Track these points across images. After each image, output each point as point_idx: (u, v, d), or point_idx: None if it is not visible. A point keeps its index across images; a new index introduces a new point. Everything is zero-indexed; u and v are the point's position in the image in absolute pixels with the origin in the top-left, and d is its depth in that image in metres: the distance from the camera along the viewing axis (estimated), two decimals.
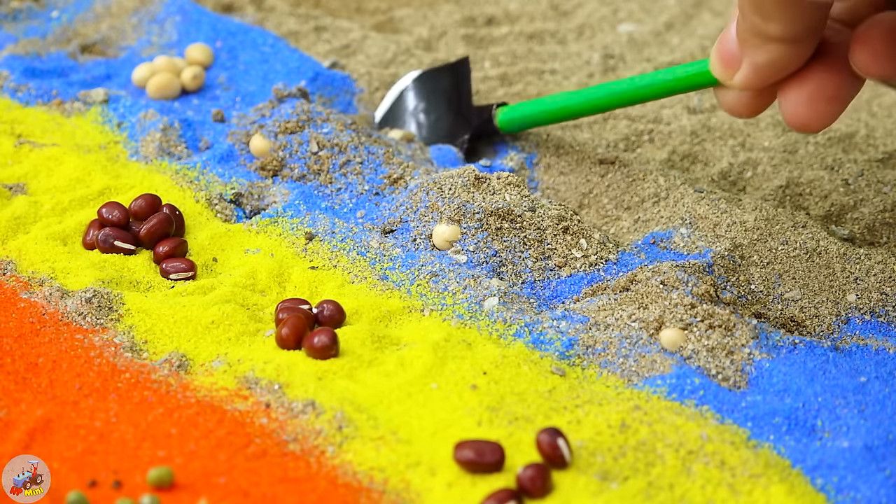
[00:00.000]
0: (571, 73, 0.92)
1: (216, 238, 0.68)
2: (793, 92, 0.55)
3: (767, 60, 0.54)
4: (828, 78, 0.55)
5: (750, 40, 0.54)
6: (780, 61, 0.54)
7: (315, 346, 0.59)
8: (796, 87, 0.55)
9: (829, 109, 0.55)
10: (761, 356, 0.59)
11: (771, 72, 0.55)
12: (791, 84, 0.55)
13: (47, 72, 0.86)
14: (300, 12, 0.99)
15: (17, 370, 0.58)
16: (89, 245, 0.66)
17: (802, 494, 0.52)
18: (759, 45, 0.54)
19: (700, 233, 0.69)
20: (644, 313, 0.61)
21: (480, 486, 0.51)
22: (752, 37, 0.54)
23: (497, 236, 0.67)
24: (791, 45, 0.53)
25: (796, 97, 0.55)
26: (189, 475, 0.52)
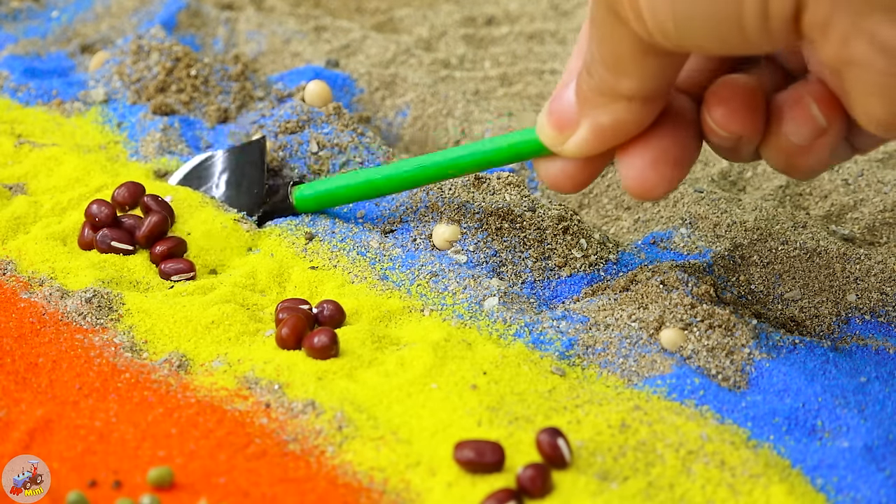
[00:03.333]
0: None
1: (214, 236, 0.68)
2: (636, 155, 0.53)
3: (613, 121, 0.52)
4: (672, 140, 0.53)
5: (594, 99, 0.52)
6: (627, 122, 0.52)
7: (315, 346, 0.59)
8: (639, 150, 0.53)
9: (674, 173, 0.53)
10: (761, 356, 0.59)
11: (614, 134, 0.52)
12: (633, 148, 0.53)
13: (47, 72, 0.86)
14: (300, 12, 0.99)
15: (17, 370, 0.58)
16: (86, 245, 0.66)
17: (802, 494, 0.52)
18: (606, 104, 0.51)
19: (700, 233, 0.69)
20: (644, 313, 0.61)
21: (480, 486, 0.51)
22: (597, 95, 0.51)
23: (497, 236, 0.67)
24: (641, 105, 0.51)
25: (640, 161, 0.53)
26: (189, 475, 0.52)
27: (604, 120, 0.52)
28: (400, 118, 0.84)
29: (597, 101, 0.52)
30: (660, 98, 0.52)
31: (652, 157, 0.53)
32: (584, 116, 0.53)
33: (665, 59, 0.49)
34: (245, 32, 0.93)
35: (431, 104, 0.83)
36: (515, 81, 0.91)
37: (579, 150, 0.54)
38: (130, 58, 0.82)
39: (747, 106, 0.52)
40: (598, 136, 0.53)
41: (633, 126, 0.52)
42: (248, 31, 0.93)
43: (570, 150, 0.54)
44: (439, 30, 0.98)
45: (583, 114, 0.53)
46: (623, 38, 0.49)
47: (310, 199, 0.68)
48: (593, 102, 0.52)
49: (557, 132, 0.54)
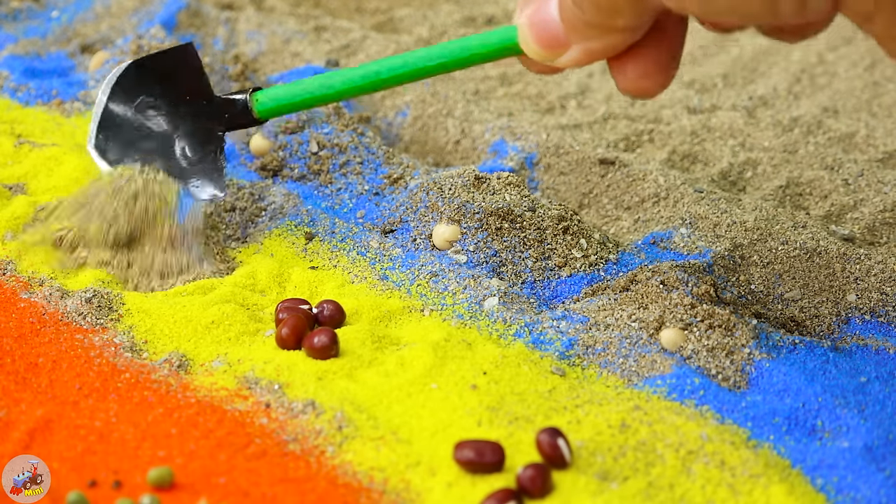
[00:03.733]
0: (571, 73, 0.92)
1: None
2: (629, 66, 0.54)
3: (604, 46, 0.53)
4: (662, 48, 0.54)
5: (585, 31, 0.52)
6: (619, 46, 0.53)
7: (315, 346, 0.59)
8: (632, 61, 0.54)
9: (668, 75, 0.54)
10: (761, 356, 0.59)
11: (605, 54, 0.54)
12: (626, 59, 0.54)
13: (47, 72, 0.86)
14: (300, 12, 0.99)
15: (17, 370, 0.58)
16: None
17: (802, 494, 0.52)
18: (598, 35, 0.52)
19: (700, 233, 0.69)
20: (644, 313, 0.61)
21: (480, 486, 0.51)
22: (589, 28, 0.52)
23: (497, 236, 0.67)
24: (633, 32, 0.52)
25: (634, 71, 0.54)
26: (189, 475, 0.52)
27: (595, 46, 0.53)
28: (400, 118, 0.84)
29: (588, 32, 0.52)
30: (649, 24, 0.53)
31: (643, 66, 0.54)
32: (575, 41, 0.53)
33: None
34: (245, 32, 0.93)
35: (431, 104, 0.83)
36: (515, 81, 0.91)
37: (569, 66, 0.55)
38: (130, 58, 0.82)
39: None
40: (590, 56, 0.54)
41: (623, 47, 0.53)
42: (248, 31, 0.93)
43: (563, 64, 0.55)
44: (439, 30, 0.98)
45: (573, 39, 0.53)
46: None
47: (274, 106, 0.64)
48: (584, 34, 0.53)
49: (545, 50, 0.54)
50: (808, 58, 0.93)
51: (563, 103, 0.88)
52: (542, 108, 0.87)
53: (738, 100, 0.88)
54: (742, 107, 0.86)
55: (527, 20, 0.55)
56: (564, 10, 0.53)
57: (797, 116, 0.84)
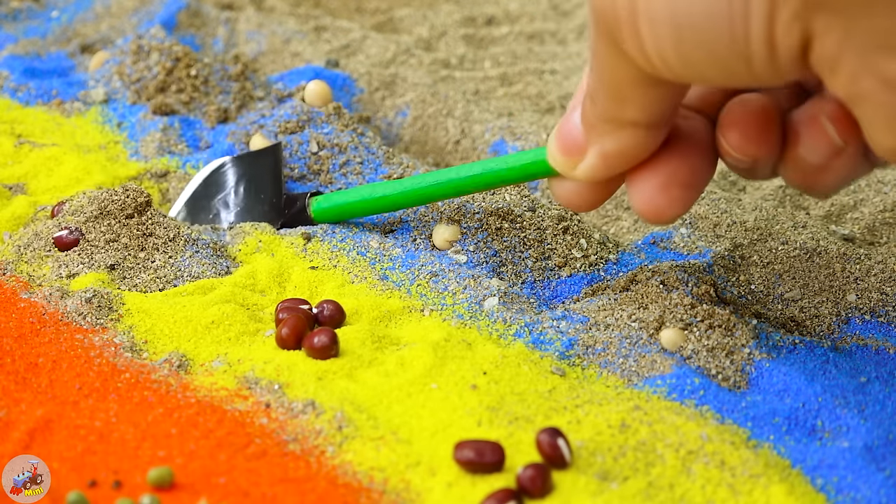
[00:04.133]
0: (571, 73, 0.92)
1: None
2: (645, 179, 0.53)
3: (619, 148, 0.52)
4: (682, 163, 0.53)
5: (600, 127, 0.52)
6: (634, 148, 0.52)
7: (315, 346, 0.59)
8: (648, 174, 0.53)
9: (684, 196, 0.53)
10: (761, 356, 0.59)
11: (621, 160, 0.52)
12: (642, 172, 0.53)
13: (47, 72, 0.86)
14: (300, 12, 0.99)
15: (17, 370, 0.58)
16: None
17: (802, 494, 0.52)
18: (611, 132, 0.51)
19: (700, 233, 0.69)
20: (644, 313, 0.61)
21: (480, 486, 0.51)
22: (602, 123, 0.51)
23: (497, 236, 0.67)
24: (646, 131, 0.51)
25: (650, 185, 0.53)
26: (189, 475, 0.52)
27: (610, 147, 0.52)
28: (400, 118, 0.84)
29: (602, 128, 0.52)
30: (665, 123, 0.51)
31: (660, 181, 0.53)
32: (591, 143, 0.53)
33: (668, 87, 0.49)
34: (245, 32, 0.93)
35: (431, 104, 0.83)
36: (515, 81, 0.91)
37: (588, 176, 0.54)
38: (130, 58, 0.82)
39: (762, 127, 0.52)
40: (606, 163, 0.53)
41: (639, 151, 0.52)
42: (248, 31, 0.93)
43: (580, 175, 0.54)
44: (439, 30, 0.98)
45: (590, 141, 0.53)
46: (624, 68, 0.48)
47: (328, 210, 0.68)
48: (599, 130, 0.52)
49: (566, 157, 0.54)
50: None
51: (563, 103, 0.88)
52: (542, 108, 0.87)
53: None
54: None
55: (555, 130, 0.55)
56: (583, 109, 0.52)
57: None
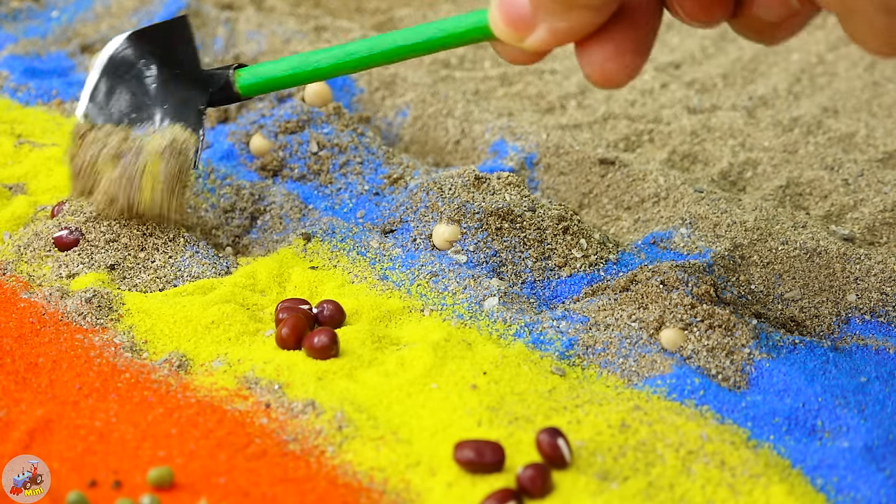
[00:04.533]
0: (571, 73, 0.92)
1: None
2: (595, 48, 0.53)
3: (569, 26, 0.52)
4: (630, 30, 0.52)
5: (550, 6, 0.52)
6: (584, 26, 0.52)
7: (315, 346, 0.59)
8: (599, 43, 0.53)
9: (636, 61, 0.53)
10: (761, 356, 0.59)
11: (570, 35, 0.52)
12: (592, 41, 0.53)
13: (47, 72, 0.86)
14: (300, 12, 0.99)
15: (17, 370, 0.58)
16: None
17: (802, 494, 0.52)
18: (563, 12, 0.51)
19: (700, 233, 0.69)
20: (644, 313, 0.61)
21: (480, 486, 0.51)
22: (554, 3, 0.51)
23: (497, 236, 0.67)
24: (598, 11, 0.51)
25: (600, 53, 0.53)
26: (189, 475, 0.52)
27: (560, 24, 0.52)
28: (400, 118, 0.84)
29: (553, 8, 0.51)
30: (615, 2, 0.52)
31: (611, 49, 0.52)
32: (541, 21, 0.52)
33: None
34: (245, 32, 0.93)
35: (431, 104, 0.83)
36: (515, 81, 0.91)
37: (537, 48, 0.54)
38: None
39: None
40: (556, 37, 0.53)
41: (589, 28, 0.52)
42: (248, 31, 0.93)
43: (527, 46, 0.54)
44: None
45: (539, 18, 0.52)
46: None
47: (256, 84, 0.64)
48: (550, 10, 0.52)
49: (513, 31, 0.53)
50: (808, 58, 0.93)
51: (563, 103, 0.88)
52: (542, 108, 0.87)
53: (738, 100, 0.88)
54: (742, 107, 0.86)
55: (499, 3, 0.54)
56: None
57: (797, 116, 0.84)
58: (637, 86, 0.89)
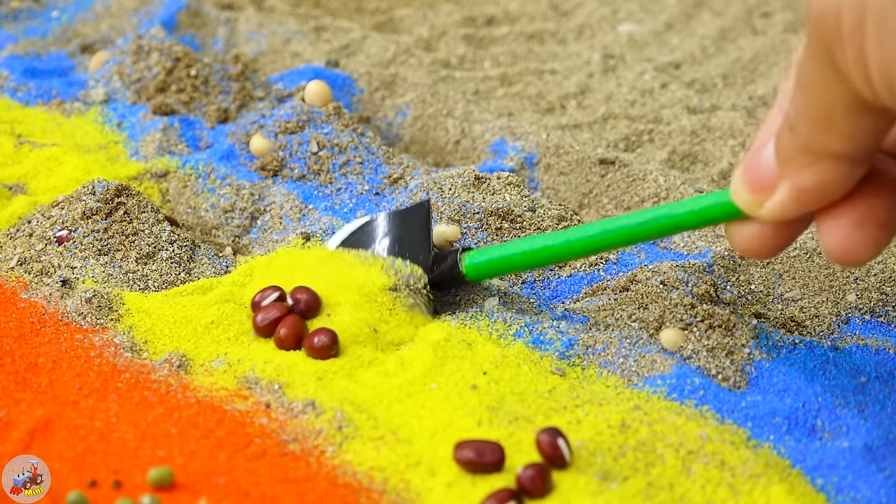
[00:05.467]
0: (571, 73, 0.92)
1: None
2: (840, 217, 0.49)
3: (817, 182, 0.48)
4: (878, 201, 0.49)
5: (797, 159, 0.48)
6: (833, 183, 0.48)
7: (315, 346, 0.58)
8: (843, 212, 0.49)
9: (880, 236, 0.49)
10: (761, 356, 0.59)
11: (817, 196, 0.49)
12: (837, 209, 0.49)
13: (47, 72, 0.86)
14: (300, 12, 0.99)
15: (17, 370, 0.58)
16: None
17: (802, 494, 0.52)
18: (811, 164, 0.48)
19: (700, 233, 0.69)
20: (644, 313, 0.61)
21: (480, 486, 0.51)
22: (801, 154, 0.48)
23: (497, 236, 0.67)
24: (849, 164, 0.47)
25: (844, 223, 0.49)
26: (189, 475, 0.52)
27: (806, 181, 0.48)
28: (400, 118, 0.84)
29: (800, 160, 0.48)
30: (868, 158, 0.48)
31: (857, 218, 0.49)
32: (784, 178, 0.49)
33: (880, 117, 0.46)
34: (245, 32, 0.93)
35: (431, 104, 0.83)
36: (515, 81, 0.91)
37: (778, 214, 0.50)
38: (130, 58, 0.82)
39: None
40: (799, 199, 0.49)
41: (837, 187, 0.48)
42: (248, 31, 0.93)
43: (767, 213, 0.50)
44: (439, 30, 0.98)
45: (783, 175, 0.49)
46: (837, 92, 0.45)
47: (482, 265, 0.62)
48: (796, 162, 0.48)
49: (754, 195, 0.50)
50: None
51: (563, 103, 0.88)
52: (542, 108, 0.87)
53: (738, 100, 0.88)
54: (742, 107, 0.86)
55: (742, 166, 0.51)
56: (779, 140, 0.49)
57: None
58: (637, 86, 0.89)
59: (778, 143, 0.49)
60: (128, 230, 0.66)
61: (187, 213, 0.73)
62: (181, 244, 0.67)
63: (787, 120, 0.48)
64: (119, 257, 0.65)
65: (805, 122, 0.47)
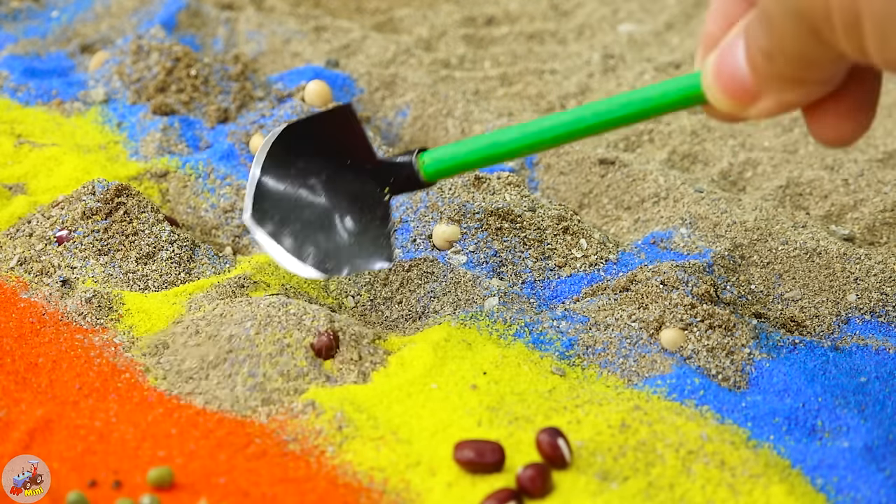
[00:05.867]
0: (571, 73, 0.92)
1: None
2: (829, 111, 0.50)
3: (798, 98, 0.49)
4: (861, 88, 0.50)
5: (777, 83, 0.49)
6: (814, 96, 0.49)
7: (315, 346, 0.58)
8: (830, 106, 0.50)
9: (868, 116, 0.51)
10: (761, 356, 0.59)
11: (800, 105, 0.50)
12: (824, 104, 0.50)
13: (47, 72, 0.86)
14: (300, 12, 0.99)
15: (17, 370, 0.58)
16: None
17: (802, 494, 0.52)
18: (791, 88, 0.49)
19: (700, 233, 0.69)
20: (644, 313, 0.61)
21: (480, 486, 0.51)
22: (782, 80, 0.49)
23: (497, 236, 0.67)
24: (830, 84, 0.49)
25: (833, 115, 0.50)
26: (189, 475, 0.52)
27: (790, 97, 0.49)
28: (400, 118, 0.84)
29: (780, 84, 0.49)
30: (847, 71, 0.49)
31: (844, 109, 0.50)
32: (766, 93, 0.49)
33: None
34: (245, 32, 0.93)
35: (431, 104, 0.83)
36: (515, 81, 0.91)
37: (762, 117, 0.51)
38: (130, 58, 0.82)
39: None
40: (784, 107, 0.50)
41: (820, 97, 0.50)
42: (248, 31, 0.93)
43: (751, 116, 0.51)
44: (439, 30, 0.98)
45: (765, 91, 0.49)
46: (819, 50, 0.46)
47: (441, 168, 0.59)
48: (777, 85, 0.49)
49: (734, 101, 0.50)
50: None
51: (563, 103, 0.88)
52: (542, 108, 0.87)
53: None
54: None
55: (712, 69, 0.51)
56: (754, 62, 0.49)
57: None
58: (637, 86, 0.89)
59: (754, 64, 0.49)
60: (128, 230, 0.66)
61: (187, 213, 0.73)
62: (181, 244, 0.67)
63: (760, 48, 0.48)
64: (119, 257, 0.65)
65: (781, 58, 0.47)
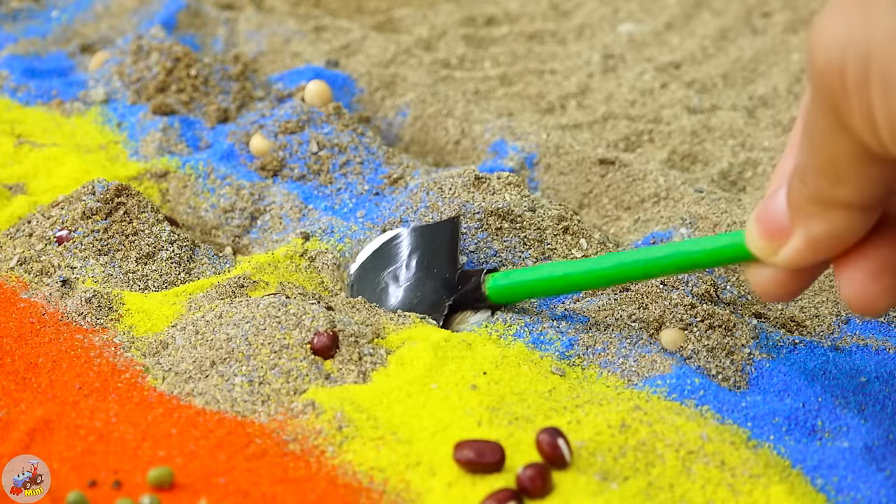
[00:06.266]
0: (571, 73, 0.92)
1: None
2: (855, 266, 0.49)
3: (828, 231, 0.48)
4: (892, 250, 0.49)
5: (808, 208, 0.48)
6: (844, 231, 0.48)
7: (315, 346, 0.58)
8: (858, 261, 0.49)
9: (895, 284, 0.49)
10: (761, 356, 0.59)
11: (829, 245, 0.49)
12: (852, 258, 0.49)
13: (47, 72, 0.86)
14: (300, 12, 0.99)
15: (17, 370, 0.58)
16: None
17: (802, 494, 0.52)
18: (821, 214, 0.48)
19: (700, 233, 0.69)
20: (644, 313, 0.61)
21: (480, 486, 0.51)
22: (812, 204, 0.48)
23: (497, 236, 0.67)
24: (859, 213, 0.47)
25: (860, 272, 0.49)
26: (189, 475, 0.52)
27: (818, 230, 0.48)
28: (400, 118, 0.84)
29: (811, 210, 0.48)
30: (878, 205, 0.48)
31: (872, 267, 0.49)
32: (797, 226, 0.49)
33: (888, 166, 0.46)
34: (245, 32, 0.93)
35: (431, 104, 0.83)
36: (515, 81, 0.91)
37: (791, 262, 0.50)
38: (130, 58, 0.82)
39: None
40: (813, 247, 0.49)
41: (849, 236, 0.48)
42: (248, 31, 0.93)
43: (781, 260, 0.50)
44: (439, 30, 0.98)
45: (796, 224, 0.49)
46: (844, 144, 0.45)
47: (504, 288, 0.62)
48: (807, 212, 0.48)
49: (768, 242, 0.50)
50: None
51: (563, 103, 0.88)
52: (542, 108, 0.87)
53: (738, 100, 0.88)
54: (742, 107, 0.86)
55: (755, 213, 0.51)
56: (790, 190, 0.49)
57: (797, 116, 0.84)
58: (637, 86, 0.89)
59: (789, 193, 0.49)
60: (128, 230, 0.66)
61: (187, 213, 0.73)
62: (181, 244, 0.67)
63: (797, 169, 0.48)
64: (119, 257, 0.65)
65: (813, 172, 0.47)
